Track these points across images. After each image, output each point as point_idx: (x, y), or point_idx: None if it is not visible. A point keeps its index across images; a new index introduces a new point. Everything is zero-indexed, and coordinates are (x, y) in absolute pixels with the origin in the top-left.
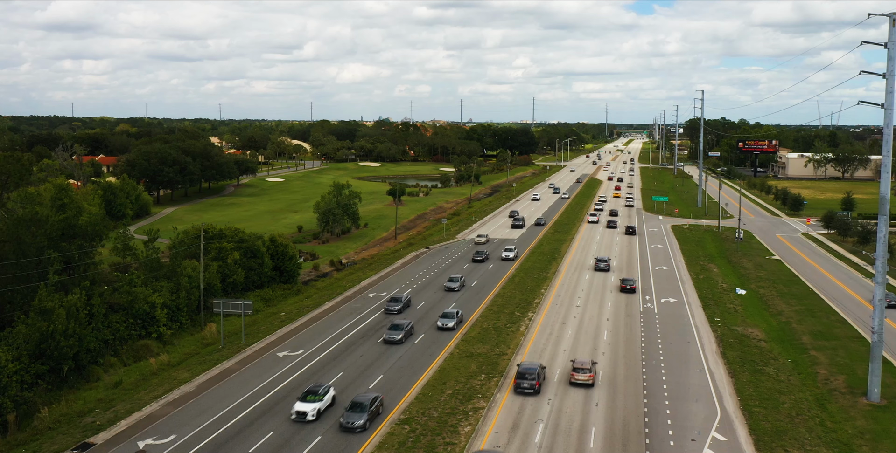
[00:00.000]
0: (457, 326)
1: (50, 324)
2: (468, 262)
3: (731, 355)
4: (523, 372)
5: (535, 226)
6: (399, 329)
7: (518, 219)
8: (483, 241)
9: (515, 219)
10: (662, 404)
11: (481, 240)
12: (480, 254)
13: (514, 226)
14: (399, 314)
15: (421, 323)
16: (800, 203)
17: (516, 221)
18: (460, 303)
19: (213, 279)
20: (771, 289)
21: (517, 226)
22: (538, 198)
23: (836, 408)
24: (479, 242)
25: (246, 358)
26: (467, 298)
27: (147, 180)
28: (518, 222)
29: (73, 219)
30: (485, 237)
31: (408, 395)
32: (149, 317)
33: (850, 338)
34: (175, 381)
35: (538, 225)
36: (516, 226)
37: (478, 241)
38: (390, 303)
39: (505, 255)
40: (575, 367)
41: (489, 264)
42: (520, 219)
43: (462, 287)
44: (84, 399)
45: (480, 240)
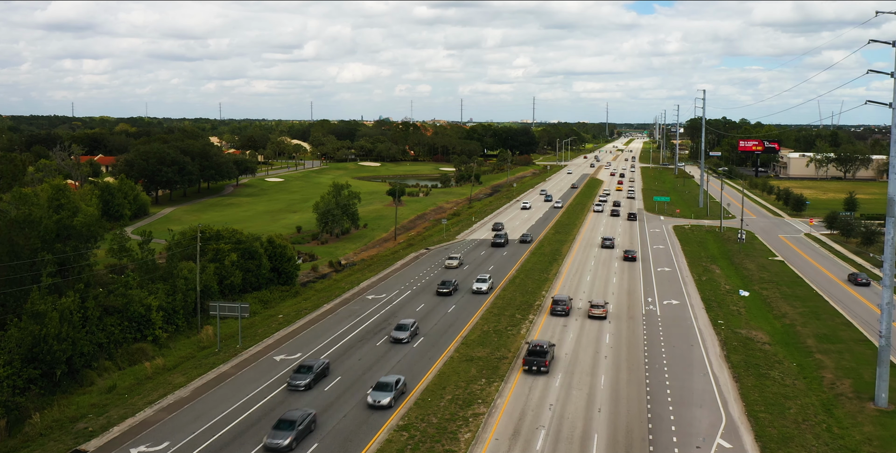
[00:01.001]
0: (395, 402)
1: (43, 328)
2: (431, 295)
3: (735, 359)
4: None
5: (519, 244)
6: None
7: (500, 235)
8: (454, 264)
9: (497, 235)
10: (666, 410)
11: (452, 263)
12: (447, 286)
13: (494, 243)
14: (307, 390)
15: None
16: (802, 203)
17: (497, 238)
18: (406, 364)
19: (209, 281)
20: (774, 291)
21: (498, 243)
22: (528, 206)
23: (844, 414)
24: (450, 267)
25: (242, 361)
26: (415, 358)
27: (145, 180)
28: (499, 239)
29: (67, 220)
30: (457, 259)
31: (406, 401)
32: (144, 319)
33: (855, 340)
34: (170, 386)
35: (523, 242)
36: (497, 245)
37: (448, 265)
38: (296, 374)
39: (476, 288)
40: None
41: (456, 298)
42: (501, 236)
43: (413, 336)
44: (77, 404)
45: (451, 264)
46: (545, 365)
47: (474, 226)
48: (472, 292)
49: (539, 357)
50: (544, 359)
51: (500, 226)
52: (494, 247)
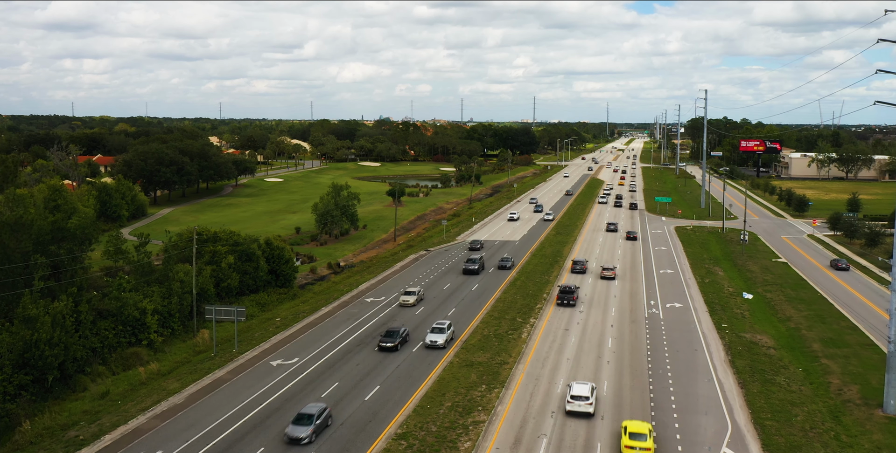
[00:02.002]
0: (315, 436)
1: (34, 333)
2: (369, 350)
3: (740, 364)
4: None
5: (498, 271)
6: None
7: (474, 260)
8: (411, 302)
9: (470, 260)
10: (671, 417)
11: (408, 301)
12: (392, 337)
13: (467, 270)
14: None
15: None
16: (805, 204)
17: (470, 263)
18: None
19: (206, 283)
20: (778, 294)
21: (471, 270)
22: (515, 217)
23: (852, 421)
24: (406, 304)
25: (238, 367)
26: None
27: (144, 181)
28: (472, 265)
29: (62, 223)
30: (414, 295)
31: (405, 408)
32: (139, 323)
33: (861, 345)
34: (164, 392)
35: (503, 268)
36: (470, 272)
37: (403, 302)
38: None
39: (431, 341)
40: None
41: (406, 352)
42: (476, 260)
43: (315, 437)
44: (69, 410)
45: (407, 301)
46: (573, 300)
47: (474, 226)
48: (424, 346)
49: (570, 295)
50: (574, 293)
51: (477, 244)
52: (467, 274)
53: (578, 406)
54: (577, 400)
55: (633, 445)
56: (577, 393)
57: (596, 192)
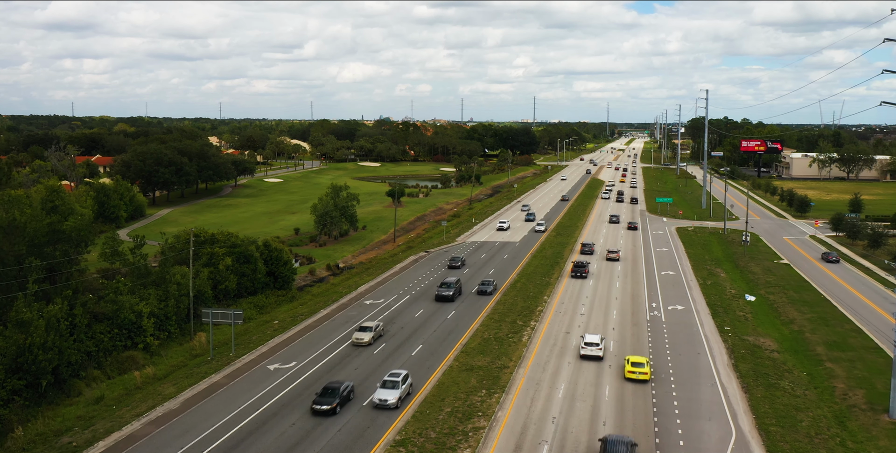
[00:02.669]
0: None
1: (27, 337)
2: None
3: (743, 368)
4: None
5: (477, 297)
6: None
7: (449, 284)
8: (365, 341)
9: (445, 284)
10: (674, 423)
11: (362, 339)
12: (330, 396)
13: (441, 296)
14: None
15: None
16: (806, 204)
17: (445, 288)
18: None
19: (203, 286)
20: (781, 296)
21: (444, 296)
22: (505, 226)
23: (857, 427)
24: (359, 343)
25: (235, 371)
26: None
27: (142, 181)
28: (447, 290)
29: (57, 224)
30: (369, 331)
31: (404, 413)
32: (135, 326)
33: (866, 348)
34: (159, 397)
35: (483, 293)
36: (444, 298)
37: (357, 341)
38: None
39: (380, 399)
40: None
41: (345, 417)
42: (452, 284)
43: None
44: (63, 416)
45: (361, 340)
46: (586, 273)
47: (474, 227)
48: (373, 405)
49: (583, 268)
50: (586, 267)
51: (458, 261)
52: (440, 301)
53: (590, 351)
54: (589, 346)
55: (634, 370)
56: (590, 341)
57: (594, 198)
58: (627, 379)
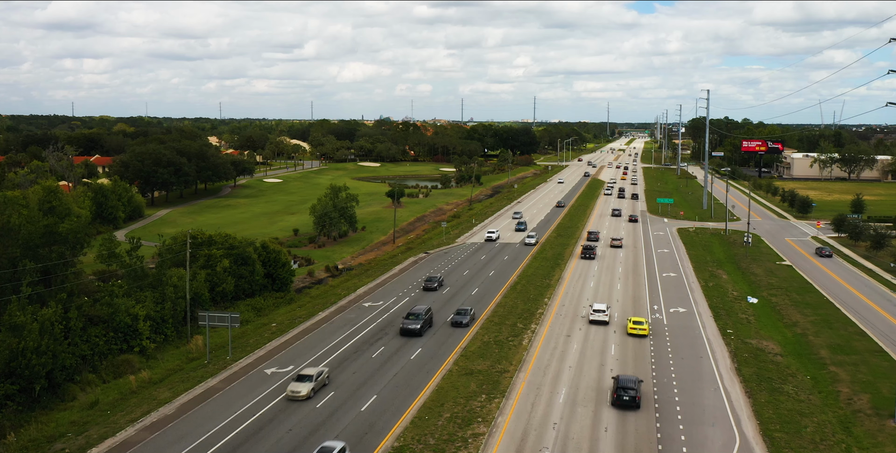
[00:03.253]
0: None
1: (21, 341)
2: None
3: (746, 372)
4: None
5: (450, 329)
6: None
7: (417, 314)
8: (302, 394)
9: (413, 315)
10: (677, 429)
11: (299, 391)
12: None
13: (405, 329)
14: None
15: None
16: (808, 205)
17: (412, 320)
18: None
19: (200, 288)
20: (784, 298)
21: (412, 330)
22: (494, 237)
23: (863, 432)
24: (295, 396)
25: (232, 375)
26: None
27: (141, 182)
28: (415, 322)
29: (52, 226)
30: (309, 381)
31: (402, 419)
32: (131, 329)
33: (870, 352)
34: (154, 402)
35: (457, 325)
36: (409, 333)
37: (292, 394)
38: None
39: None
40: None
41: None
42: (420, 315)
43: None
44: (57, 421)
45: (297, 392)
46: (594, 254)
47: (474, 228)
48: None
49: (591, 251)
50: (594, 249)
51: (434, 281)
52: (405, 335)
53: (598, 316)
54: (597, 313)
55: (635, 327)
56: (597, 308)
57: (594, 200)
58: (629, 334)
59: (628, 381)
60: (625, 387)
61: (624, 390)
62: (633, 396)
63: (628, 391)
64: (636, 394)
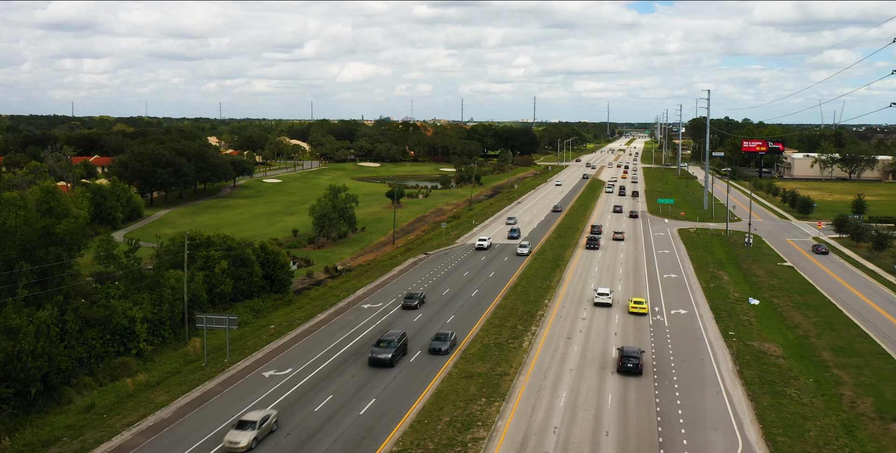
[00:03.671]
0: None
1: (16, 344)
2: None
3: (748, 374)
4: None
5: (426, 358)
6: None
7: (389, 341)
8: (241, 446)
9: (385, 341)
10: (678, 433)
11: (238, 443)
12: None
13: (374, 358)
14: None
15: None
16: (809, 205)
17: (383, 347)
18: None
19: (198, 290)
20: (785, 299)
21: (380, 361)
22: (486, 245)
23: (866, 436)
24: (233, 448)
25: (230, 378)
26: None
27: (140, 182)
28: (385, 351)
29: (49, 227)
30: (251, 429)
31: (401, 423)
32: (128, 332)
33: (873, 354)
34: (151, 405)
35: (436, 352)
36: (378, 363)
37: (230, 446)
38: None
39: None
40: None
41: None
42: (392, 343)
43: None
44: (52, 425)
45: (236, 445)
46: (598, 245)
47: (475, 229)
48: None
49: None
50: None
51: (414, 299)
52: (374, 366)
53: (602, 299)
54: (601, 296)
55: (636, 306)
56: (602, 292)
57: (592, 208)
58: (631, 313)
59: (632, 351)
60: (628, 356)
61: (627, 358)
62: (636, 364)
63: (631, 359)
64: (639, 362)
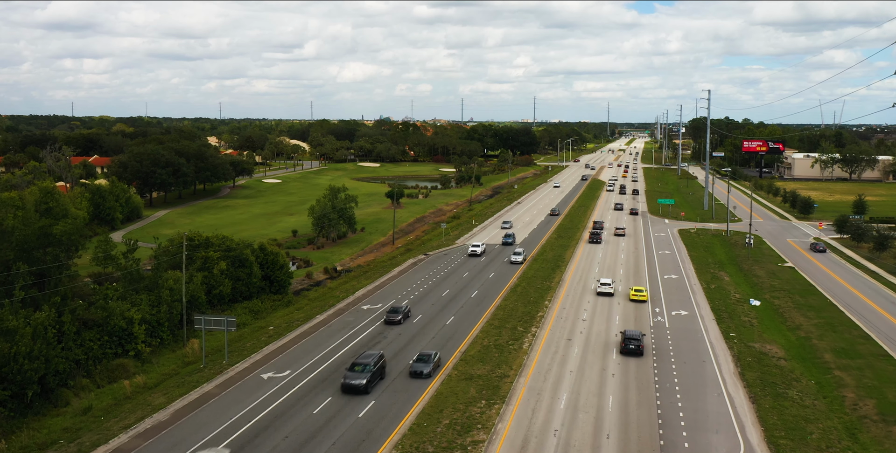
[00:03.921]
0: None
1: (13, 346)
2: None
3: (750, 376)
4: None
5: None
6: None
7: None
8: None
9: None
10: (680, 436)
11: None
12: None
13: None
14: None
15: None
16: (810, 206)
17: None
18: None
19: (197, 291)
20: (786, 300)
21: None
22: (479, 251)
23: (869, 439)
24: None
25: (228, 380)
26: None
27: (139, 182)
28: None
29: (47, 228)
30: None
31: (400, 426)
32: (126, 333)
33: (875, 355)
34: (149, 408)
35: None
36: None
37: None
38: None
39: None
40: None
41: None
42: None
43: None
44: (49, 427)
45: None
46: (601, 239)
47: (474, 229)
48: None
49: (598, 235)
50: (600, 234)
51: (397, 314)
52: (347, 392)
53: (604, 289)
54: (604, 285)
55: (637, 294)
56: (604, 282)
57: (592, 208)
58: (632, 300)
59: (634, 334)
60: (630, 338)
61: (629, 340)
62: (638, 345)
63: (633, 341)
64: (640, 344)
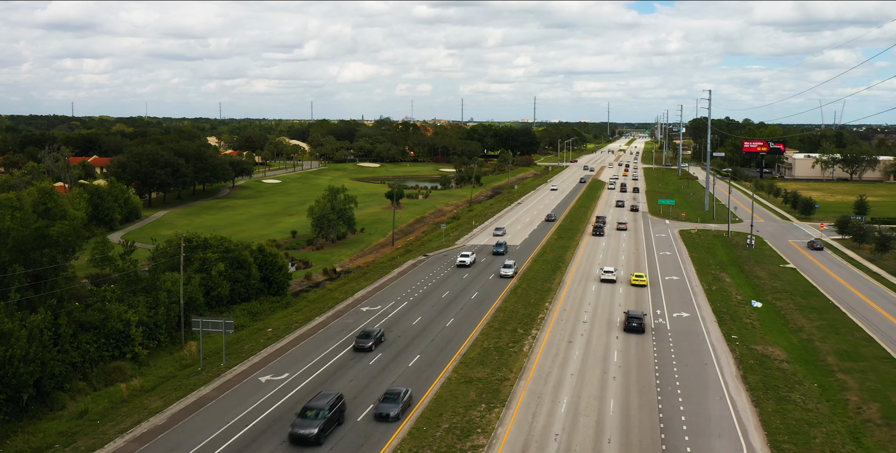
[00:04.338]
0: None
1: (8, 349)
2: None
3: (752, 379)
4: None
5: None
6: None
7: (315, 410)
8: None
9: (309, 407)
10: (682, 440)
11: None
12: None
13: (295, 436)
14: None
15: None
16: (811, 206)
17: (308, 420)
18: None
19: (195, 292)
20: (788, 302)
21: (303, 437)
22: (468, 262)
23: (873, 443)
24: None
25: (225, 383)
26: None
27: (138, 183)
28: (311, 424)
29: (44, 229)
30: None
31: (399, 429)
32: (123, 335)
33: (878, 358)
34: (145, 411)
35: (382, 419)
36: (301, 440)
37: None
38: None
39: None
40: None
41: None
42: (319, 411)
43: None
44: (45, 431)
45: None
46: (603, 232)
47: (474, 230)
48: None
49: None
50: (603, 228)
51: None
52: (296, 443)
53: (607, 276)
54: (607, 273)
55: (637, 279)
56: (607, 270)
57: (592, 209)
58: (633, 285)
59: (635, 313)
60: (632, 317)
61: (632, 319)
62: (640, 323)
63: (635, 320)
64: (641, 322)
